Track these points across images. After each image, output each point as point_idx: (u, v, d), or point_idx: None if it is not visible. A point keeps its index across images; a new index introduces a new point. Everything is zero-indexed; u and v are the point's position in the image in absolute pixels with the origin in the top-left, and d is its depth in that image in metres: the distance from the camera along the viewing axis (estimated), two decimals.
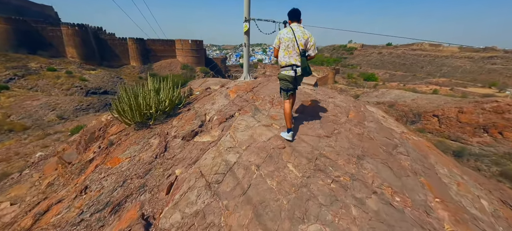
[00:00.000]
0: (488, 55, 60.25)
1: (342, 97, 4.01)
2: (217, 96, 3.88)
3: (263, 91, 3.90)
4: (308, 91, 4.15)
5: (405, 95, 30.07)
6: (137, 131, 3.11)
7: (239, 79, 5.04)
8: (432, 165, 2.07)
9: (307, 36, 2.34)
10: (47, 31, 44.78)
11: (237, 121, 2.76)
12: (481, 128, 21.33)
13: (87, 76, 39.98)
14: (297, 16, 2.42)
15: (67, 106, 27.56)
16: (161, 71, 53.19)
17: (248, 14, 4.14)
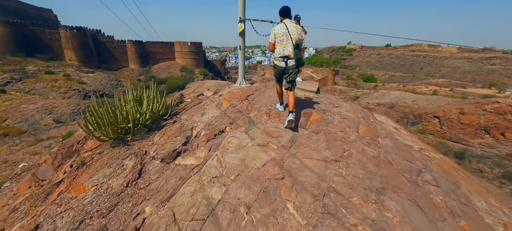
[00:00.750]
0: (487, 55, 60.19)
1: (348, 106, 3.62)
2: (208, 105, 3.50)
3: (260, 100, 3.51)
4: (311, 99, 3.79)
5: (405, 97, 29.76)
6: (113, 149, 2.67)
7: (234, 85, 4.66)
8: (467, 197, 1.66)
9: (300, 30, 2.65)
10: (45, 34, 44.53)
11: (228, 138, 2.38)
12: (483, 129, 20.97)
13: (85, 79, 39.65)
14: (288, 13, 2.71)
15: (64, 110, 27.17)
16: (160, 74, 52.91)
17: (243, 14, 3.77)
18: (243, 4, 3.78)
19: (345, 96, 37.74)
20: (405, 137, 2.76)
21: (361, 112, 3.28)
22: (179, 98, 4.69)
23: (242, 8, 3.80)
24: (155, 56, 54.05)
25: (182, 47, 54.45)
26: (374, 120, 3.02)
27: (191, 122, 2.98)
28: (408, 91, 36.18)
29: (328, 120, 2.88)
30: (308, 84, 4.50)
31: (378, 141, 2.40)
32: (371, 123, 2.83)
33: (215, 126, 2.71)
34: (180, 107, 4.17)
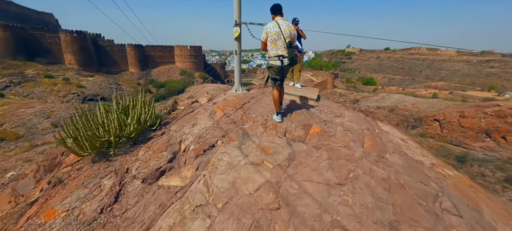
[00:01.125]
0: (486, 58, 60.31)
1: (351, 114, 3.41)
2: (201, 114, 3.29)
3: (256, 109, 3.28)
4: (310, 108, 3.54)
5: (405, 100, 29.58)
6: (93, 164, 2.42)
7: (229, 91, 4.40)
8: (493, 227, 1.43)
9: (291, 28, 2.59)
10: (45, 38, 44.57)
11: (218, 155, 2.15)
12: (484, 133, 20.73)
13: (85, 82, 39.51)
14: (280, 10, 2.61)
15: (63, 114, 26.91)
16: (159, 77, 52.84)
17: (239, 17, 3.58)
18: (238, 7, 3.61)
19: (345, 100, 37.56)
20: (414, 150, 2.52)
21: (365, 122, 3.04)
22: (172, 106, 4.46)
23: (237, 11, 3.61)
24: (155, 60, 54.08)
25: (182, 51, 54.51)
26: (380, 131, 2.77)
27: (180, 134, 2.75)
28: (408, 95, 36.06)
29: (330, 132, 2.62)
30: (307, 91, 4.27)
31: (386, 157, 2.15)
32: (376, 135, 2.58)
33: (206, 139, 2.49)
34: (171, 116, 3.96)
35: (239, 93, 4.16)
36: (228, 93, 4.31)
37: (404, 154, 2.26)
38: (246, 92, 4.28)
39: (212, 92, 25.47)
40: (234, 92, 4.27)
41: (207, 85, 32.76)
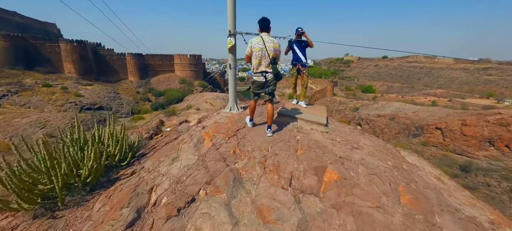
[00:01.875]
0: (483, 66, 60.94)
1: (369, 143, 2.96)
2: (185, 144, 2.79)
3: (253, 138, 2.77)
4: (318, 137, 2.89)
5: (405, 108, 29.48)
6: (33, 222, 1.85)
7: (223, 110, 3.90)
8: None
9: (277, 45, 2.63)
10: (45, 47, 44.85)
11: (197, 218, 1.63)
12: (487, 141, 20.50)
13: (83, 91, 39.36)
14: (266, 26, 2.64)
15: (58, 123, 26.53)
16: (159, 86, 52.92)
17: (233, 26, 3.28)
18: (233, 16, 3.32)
19: (345, 108, 37.41)
20: (458, 196, 2.12)
21: (388, 153, 2.69)
22: (156, 128, 3.99)
23: (232, 20, 3.31)
24: (155, 68, 54.42)
25: (182, 60, 54.91)
26: (408, 167, 2.40)
27: (154, 176, 2.17)
28: (408, 102, 35.99)
29: (351, 179, 2.04)
30: (313, 112, 3.74)
31: (436, 221, 1.66)
32: (410, 179, 2.15)
33: (185, 186, 1.96)
34: (152, 143, 3.33)
35: (233, 114, 3.69)
36: (221, 113, 3.83)
37: (454, 209, 1.83)
38: (242, 112, 3.83)
39: (211, 101, 25.23)
40: (228, 111, 3.81)
41: (206, 94, 32.65)
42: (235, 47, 3.51)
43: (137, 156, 2.84)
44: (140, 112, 37.33)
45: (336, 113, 35.71)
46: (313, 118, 3.44)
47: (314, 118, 3.43)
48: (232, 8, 3.26)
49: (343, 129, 3.58)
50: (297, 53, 3.80)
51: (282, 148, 2.48)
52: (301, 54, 3.81)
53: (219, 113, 3.79)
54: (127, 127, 27.58)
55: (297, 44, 3.80)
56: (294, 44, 3.81)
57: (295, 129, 3.07)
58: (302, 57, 3.81)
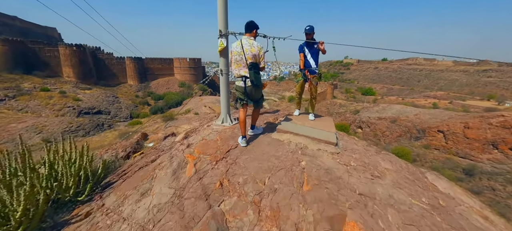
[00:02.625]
0: (483, 68, 60.90)
1: (391, 167, 2.45)
2: (163, 170, 2.27)
3: (246, 163, 2.25)
4: (329, 162, 2.35)
5: (406, 111, 29.21)
6: None
7: (214, 123, 3.41)
8: None
9: (255, 49, 2.45)
10: (44, 51, 44.86)
11: None
12: (490, 144, 20.17)
13: (82, 95, 39.17)
14: (249, 28, 2.52)
15: (55, 128, 26.25)
16: (158, 89, 52.74)
17: (224, 26, 2.80)
18: (224, 14, 2.81)
19: (345, 110, 37.14)
20: None
21: (414, 177, 2.20)
22: (135, 144, 3.37)
23: (223, 18, 2.81)
24: (154, 72, 54.37)
25: (181, 63, 54.87)
26: (446, 204, 1.90)
27: (112, 221, 1.67)
28: (409, 105, 35.73)
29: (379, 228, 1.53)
30: (320, 126, 3.20)
31: None
32: (455, 222, 1.67)
33: None
34: (125, 166, 2.75)
35: (226, 127, 3.19)
36: (212, 126, 3.33)
37: None
38: (236, 125, 3.32)
39: (210, 105, 24.87)
40: (219, 124, 3.29)
41: (206, 97, 32.35)
42: (227, 50, 3.02)
43: (103, 186, 2.24)
44: (139, 116, 37.06)
45: (337, 116, 35.41)
46: (320, 134, 2.87)
47: (321, 135, 2.85)
48: (223, 4, 2.80)
49: (355, 145, 3.01)
50: (307, 57, 3.31)
51: (283, 180, 1.98)
52: (311, 59, 3.30)
53: (210, 126, 3.33)
54: (123, 132, 26.85)
55: (308, 47, 3.30)
56: (305, 47, 3.30)
57: (299, 150, 2.55)
58: (311, 62, 3.29)
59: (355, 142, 3.27)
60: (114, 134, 24.51)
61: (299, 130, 2.98)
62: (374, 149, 3.06)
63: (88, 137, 24.31)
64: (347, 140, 3.25)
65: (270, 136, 2.90)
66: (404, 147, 23.83)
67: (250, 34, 2.51)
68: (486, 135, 20.62)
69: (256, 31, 2.53)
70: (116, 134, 24.48)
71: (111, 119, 35.60)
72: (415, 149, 24.10)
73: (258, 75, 2.49)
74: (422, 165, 21.92)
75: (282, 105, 45.92)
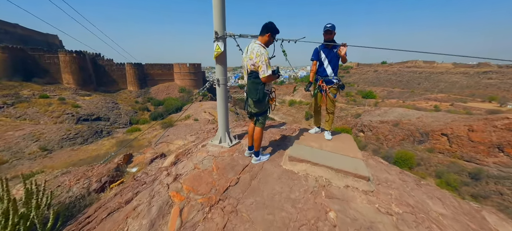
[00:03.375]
0: (483, 70, 60.86)
1: (445, 209, 1.97)
2: (137, 219, 1.72)
3: (252, 213, 1.68)
4: (365, 209, 1.79)
5: (409, 114, 28.88)
6: None
7: (209, 143, 2.88)
8: None
9: (253, 55, 2.11)
10: (44, 58, 45.04)
11: None
12: (496, 147, 19.75)
13: (81, 102, 39.03)
14: (261, 31, 2.18)
15: (53, 136, 25.94)
16: (158, 95, 52.62)
17: (221, 27, 2.34)
18: (220, 12, 2.31)
19: (346, 114, 36.82)
20: None
21: (476, 226, 1.82)
22: (114, 172, 2.69)
23: (219, 18, 2.32)
24: (154, 78, 54.42)
25: (181, 69, 54.92)
26: None
27: None
28: (410, 108, 35.45)
29: None
30: (341, 149, 2.60)
31: None
32: None
33: None
34: (94, 207, 2.04)
35: (224, 150, 2.66)
36: (208, 146, 2.78)
37: None
38: (237, 145, 2.78)
39: (210, 110, 24.59)
40: (216, 144, 2.77)
41: (206, 103, 32.11)
42: (224, 55, 2.54)
43: None
44: (139, 122, 36.82)
45: (338, 120, 35.09)
46: (346, 163, 2.21)
47: (347, 164, 2.19)
48: (219, 1, 2.32)
49: (388, 173, 2.38)
50: (323, 63, 2.75)
51: None
52: (328, 66, 2.72)
53: (205, 147, 2.79)
54: (121, 140, 26.47)
55: (325, 51, 2.73)
56: (321, 51, 2.75)
57: (322, 189, 1.96)
58: (328, 70, 2.73)
59: (385, 167, 2.65)
60: (111, 142, 24.17)
61: (317, 158, 2.35)
62: (412, 178, 2.49)
63: (85, 145, 23.99)
64: (374, 165, 2.62)
65: (280, 166, 2.31)
66: (407, 151, 23.42)
67: (261, 37, 2.16)
68: (491, 137, 20.24)
69: (271, 35, 2.13)
70: (114, 142, 24.15)
71: (110, 126, 35.32)
72: (419, 152, 23.67)
73: (257, 86, 2.12)
74: (427, 169, 21.48)
75: (282, 109, 45.66)
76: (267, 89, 2.20)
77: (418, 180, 2.43)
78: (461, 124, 23.44)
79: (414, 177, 2.53)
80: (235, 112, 28.03)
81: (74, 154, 19.06)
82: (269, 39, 2.13)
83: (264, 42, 2.12)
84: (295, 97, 56.20)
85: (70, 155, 18.99)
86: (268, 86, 2.20)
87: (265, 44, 2.13)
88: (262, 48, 2.09)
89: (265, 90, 2.17)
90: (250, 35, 2.18)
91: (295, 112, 43.10)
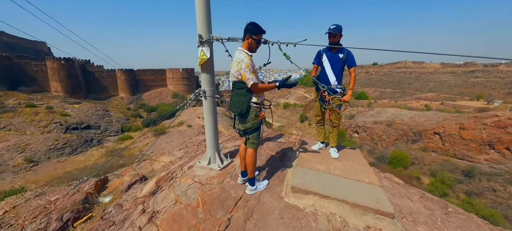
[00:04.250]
0: (470, 69, 62.97)
1: None
2: None
3: None
4: None
5: (401, 114, 29.31)
6: None
7: (197, 164, 2.50)
8: None
9: (234, 64, 1.84)
10: (31, 66, 43.65)
11: None
12: (486, 144, 20.18)
13: (70, 110, 37.82)
14: (244, 34, 1.85)
15: (39, 146, 24.89)
16: (150, 101, 51.67)
17: (206, 30, 2.04)
18: (204, 12, 2.00)
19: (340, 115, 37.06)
20: None
21: None
22: (81, 204, 2.28)
23: (203, 19, 2.01)
24: (146, 83, 53.57)
25: (174, 74, 54.33)
26: None
27: None
28: (402, 108, 36.02)
29: None
30: (352, 170, 2.28)
31: None
32: None
33: None
34: None
35: (212, 175, 2.26)
36: (194, 169, 2.40)
37: None
38: (228, 167, 2.41)
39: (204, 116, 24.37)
40: (205, 165, 2.39)
41: (199, 108, 31.63)
42: (211, 62, 2.19)
43: None
44: (131, 129, 35.90)
45: None
46: (362, 194, 1.85)
47: (364, 196, 1.83)
48: (203, 2, 2.00)
49: (410, 200, 1.98)
50: (325, 68, 2.45)
51: None
52: (331, 72, 2.41)
53: (192, 169, 2.40)
54: (111, 150, 25.83)
55: (328, 54, 2.43)
56: (323, 54, 2.46)
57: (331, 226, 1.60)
58: (331, 77, 2.41)
59: (403, 189, 2.25)
60: (101, 152, 23.35)
61: (327, 187, 1.95)
62: (437, 204, 2.13)
63: (74, 155, 23.09)
64: (390, 187, 2.24)
65: (282, 198, 1.90)
66: (402, 151, 23.64)
67: (243, 43, 1.87)
68: (481, 135, 20.66)
69: (250, 37, 1.80)
70: (103, 151, 23.34)
71: (100, 134, 34.27)
72: (413, 152, 23.94)
73: (240, 97, 1.81)
74: (421, 168, 21.69)
75: (277, 112, 45.55)
76: (255, 102, 1.85)
77: (445, 205, 2.12)
78: (452, 123, 23.87)
79: (439, 201, 2.22)
80: (230, 117, 27.64)
81: (61, 166, 18.20)
82: (251, 43, 1.83)
83: (247, 47, 1.84)
84: (290, 100, 56.35)
85: (56, 167, 18.13)
86: (258, 98, 1.86)
87: (248, 50, 1.84)
88: (242, 53, 1.81)
89: (251, 102, 1.83)
90: (240, 39, 1.87)
91: (289, 115, 43.10)
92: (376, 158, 25.52)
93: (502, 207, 16.69)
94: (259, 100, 1.88)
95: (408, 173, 21.45)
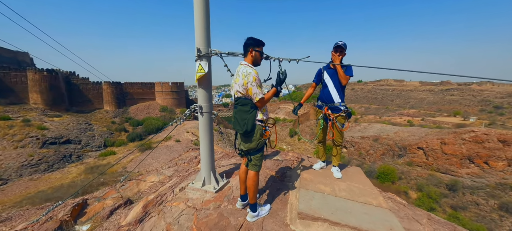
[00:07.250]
0: (445, 88, 67.80)
1: None
2: None
3: None
4: None
5: (386, 129, 30.41)
6: None
7: (189, 186, 2.30)
8: None
9: (240, 78, 1.74)
10: (9, 77, 41.25)
11: None
12: (466, 158, 21.22)
13: (49, 124, 35.53)
14: (245, 49, 1.84)
15: (11, 163, 22.90)
16: (137, 115, 49.97)
17: (205, 44, 1.97)
18: (203, 25, 1.95)
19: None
20: None
21: None
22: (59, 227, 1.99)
23: (202, 32, 1.95)
24: (134, 97, 52.12)
25: (163, 87, 53.52)
26: None
27: None
28: (386, 123, 37.45)
29: None
30: (357, 191, 2.22)
31: None
32: None
33: None
34: None
35: (208, 198, 2.08)
36: (187, 191, 2.21)
37: None
38: (224, 189, 2.25)
39: (194, 130, 23.55)
40: (199, 187, 2.20)
41: (188, 122, 30.91)
42: (209, 77, 2.09)
43: None
44: (114, 144, 34.07)
45: None
46: (373, 219, 1.73)
47: (375, 221, 1.71)
48: (202, 11, 1.93)
49: (420, 224, 1.92)
50: (328, 86, 2.40)
51: None
52: (333, 90, 2.36)
53: (184, 191, 2.19)
54: (91, 166, 24.44)
55: (329, 72, 2.40)
56: (325, 72, 2.43)
57: None
58: (334, 94, 2.35)
59: (409, 211, 2.13)
60: (80, 169, 21.81)
61: (335, 213, 1.79)
62: (444, 226, 2.08)
63: (49, 172, 21.34)
64: (396, 209, 2.11)
65: (287, 225, 1.73)
66: (389, 166, 24.16)
67: (246, 58, 1.82)
68: (461, 150, 21.73)
69: (253, 50, 1.78)
70: (82, 168, 21.83)
71: (81, 149, 32.20)
72: (399, 166, 24.55)
73: (244, 114, 1.72)
74: (408, 183, 22.15)
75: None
76: (260, 120, 1.76)
77: (453, 228, 2.08)
78: (434, 138, 24.97)
79: (446, 223, 2.17)
80: (219, 131, 27.22)
81: (33, 185, 16.64)
82: (256, 55, 1.80)
83: (251, 62, 1.81)
84: (279, 115, 56.91)
85: (28, 186, 16.56)
86: (263, 115, 1.78)
87: (253, 63, 1.81)
88: (248, 67, 1.77)
89: (257, 120, 1.75)
90: (240, 53, 1.84)
91: (279, 130, 43.25)
92: (365, 172, 25.85)
93: (486, 220, 17.14)
94: (264, 117, 1.80)
95: (396, 188, 21.74)
